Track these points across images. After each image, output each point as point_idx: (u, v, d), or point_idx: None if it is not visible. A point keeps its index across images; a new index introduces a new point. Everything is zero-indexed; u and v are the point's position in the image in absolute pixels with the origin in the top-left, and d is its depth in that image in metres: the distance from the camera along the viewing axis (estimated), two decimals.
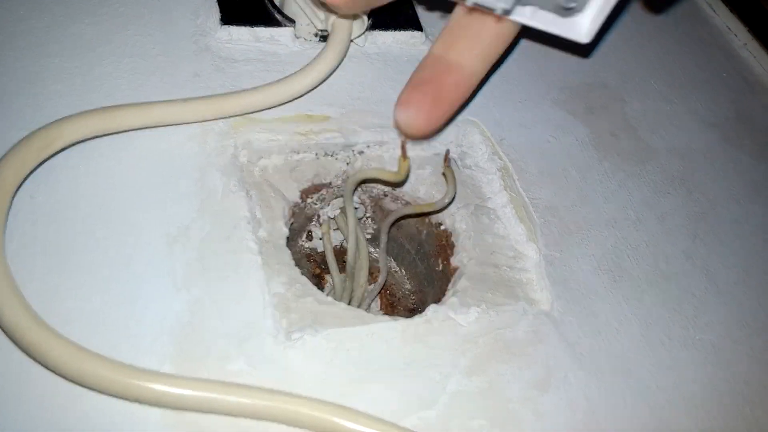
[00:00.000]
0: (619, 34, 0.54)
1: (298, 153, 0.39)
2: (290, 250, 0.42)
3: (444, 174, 0.35)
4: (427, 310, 0.34)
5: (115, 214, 0.33)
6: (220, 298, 0.32)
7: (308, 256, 0.45)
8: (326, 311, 0.33)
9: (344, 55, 0.40)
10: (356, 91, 0.42)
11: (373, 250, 0.46)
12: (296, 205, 0.39)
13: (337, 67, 0.40)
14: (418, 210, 0.38)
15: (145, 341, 0.30)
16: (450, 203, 0.37)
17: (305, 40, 0.43)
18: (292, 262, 0.35)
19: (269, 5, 0.43)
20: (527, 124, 0.45)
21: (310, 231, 0.44)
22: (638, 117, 0.49)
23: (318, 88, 0.40)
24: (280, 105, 0.38)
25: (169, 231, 0.33)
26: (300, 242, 0.45)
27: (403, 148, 0.33)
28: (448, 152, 0.34)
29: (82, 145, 0.34)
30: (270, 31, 0.42)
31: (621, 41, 0.54)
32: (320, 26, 0.40)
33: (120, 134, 0.35)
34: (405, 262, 0.46)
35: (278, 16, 0.43)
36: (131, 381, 0.26)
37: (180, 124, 0.36)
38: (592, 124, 0.47)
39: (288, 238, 0.36)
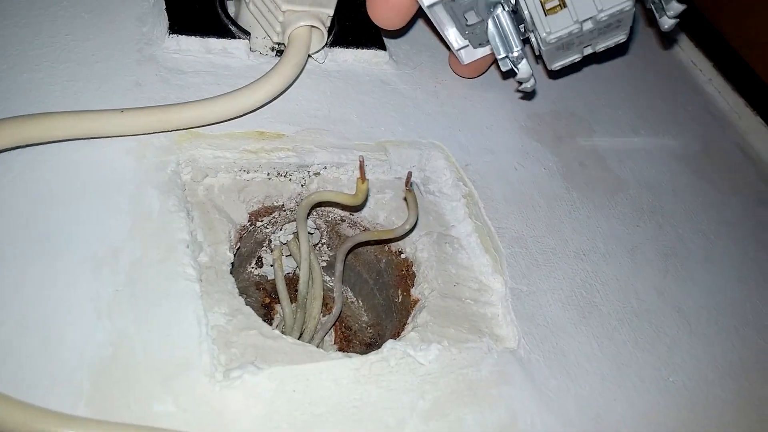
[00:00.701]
0: (587, 64, 0.53)
1: (248, 172, 0.36)
2: (237, 277, 0.39)
3: (405, 199, 0.32)
4: (383, 346, 0.31)
5: (35, 232, 0.29)
6: (149, 330, 0.28)
7: (257, 284, 0.42)
8: (271, 346, 0.30)
9: (301, 70, 0.37)
10: (313, 109, 0.39)
11: (328, 278, 0.43)
12: (244, 228, 0.36)
13: (293, 82, 0.37)
14: (377, 237, 0.35)
15: (59, 376, 0.26)
16: (411, 230, 0.34)
17: (261, 53, 0.40)
18: (236, 291, 0.32)
19: (223, 16, 0.40)
20: (494, 150, 0.43)
21: (260, 257, 0.41)
22: (607, 147, 0.48)
23: (272, 103, 0.38)
24: (229, 120, 0.35)
25: (96, 252, 0.30)
26: (249, 269, 0.41)
27: (362, 169, 0.30)
28: (410, 175, 0.31)
29: (2, 155, 0.30)
30: (223, 42, 0.40)
31: (589, 71, 0.53)
32: (276, 39, 0.38)
33: (47, 144, 0.31)
34: (362, 292, 0.43)
35: (232, 28, 0.40)
36: (32, 425, 0.22)
37: (115, 136, 0.33)
38: (561, 153, 0.45)
39: (233, 264, 0.33)
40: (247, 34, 0.40)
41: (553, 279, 0.37)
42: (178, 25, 0.39)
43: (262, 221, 0.38)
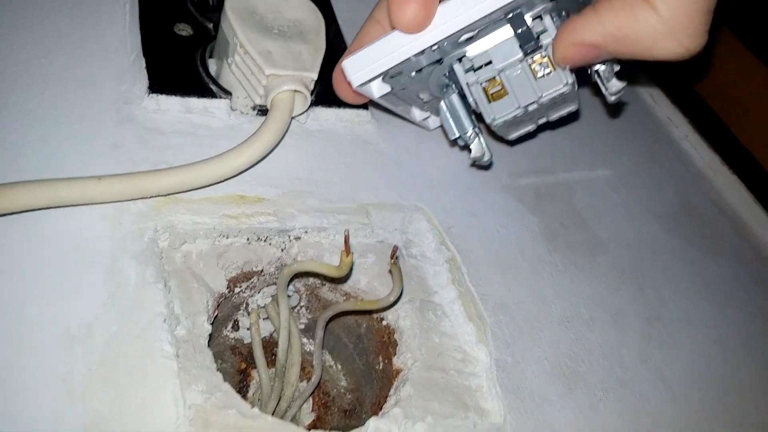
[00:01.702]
0: (563, 120, 0.53)
1: (227, 237, 0.35)
2: (213, 341, 0.38)
3: (390, 271, 0.32)
4: (367, 425, 0.30)
5: (2, 307, 0.28)
6: (124, 412, 0.27)
7: (233, 348, 0.41)
8: (251, 426, 0.29)
9: (284, 135, 0.36)
10: (295, 171, 0.39)
11: (306, 341, 0.42)
12: (222, 296, 0.35)
13: (276, 146, 0.36)
14: (360, 307, 0.34)
15: None
16: (395, 303, 0.33)
17: (242, 112, 0.40)
18: (214, 366, 0.30)
19: (204, 75, 0.40)
20: (476, 211, 0.43)
21: (236, 320, 0.40)
22: (586, 206, 0.48)
23: (253, 167, 0.37)
24: (209, 186, 0.34)
25: (69, 329, 0.28)
26: (225, 332, 0.40)
27: (347, 242, 0.30)
28: (396, 249, 0.30)
29: None
30: (203, 102, 0.39)
31: (568, 129, 0.53)
32: (259, 101, 0.37)
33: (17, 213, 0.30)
34: (341, 356, 0.42)
35: (213, 87, 0.40)
36: None
37: (92, 204, 0.31)
38: (542, 213, 0.45)
39: (210, 334, 0.32)
40: (228, 93, 0.39)
41: (538, 348, 0.37)
42: (158, 84, 0.38)
43: (240, 287, 0.37)
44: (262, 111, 0.40)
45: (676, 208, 0.53)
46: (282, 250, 0.37)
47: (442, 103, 0.38)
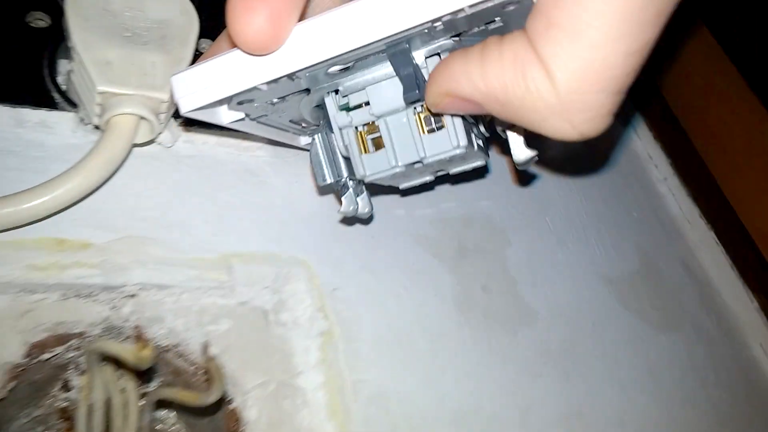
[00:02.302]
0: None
1: (33, 293, 0.28)
2: (36, 403, 0.31)
3: (207, 369, 0.25)
4: None
5: None
6: None
7: (63, 411, 0.34)
8: None
9: (116, 167, 0.29)
10: (143, 209, 0.32)
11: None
12: (18, 366, 0.28)
13: (106, 180, 0.29)
14: (180, 398, 0.27)
15: None
16: (220, 401, 0.26)
17: (97, 128, 0.32)
18: None
19: (49, 82, 0.33)
20: (376, 267, 0.35)
21: (66, 380, 0.33)
22: (521, 265, 0.40)
23: (87, 200, 0.30)
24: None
25: None
26: (53, 392, 0.33)
27: (142, 337, 0.23)
28: (207, 344, 0.24)
29: None
30: (41, 114, 0.32)
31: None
32: (96, 122, 0.30)
33: None
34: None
35: (57, 96, 0.32)
36: None
37: None
38: (461, 272, 0.38)
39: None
40: (74, 106, 0.32)
41: None
42: None
43: (52, 351, 0.30)
44: None
45: (635, 268, 0.45)
46: (112, 309, 0.30)
47: (316, 137, 0.31)
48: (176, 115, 0.33)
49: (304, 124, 0.31)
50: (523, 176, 0.44)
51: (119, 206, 0.31)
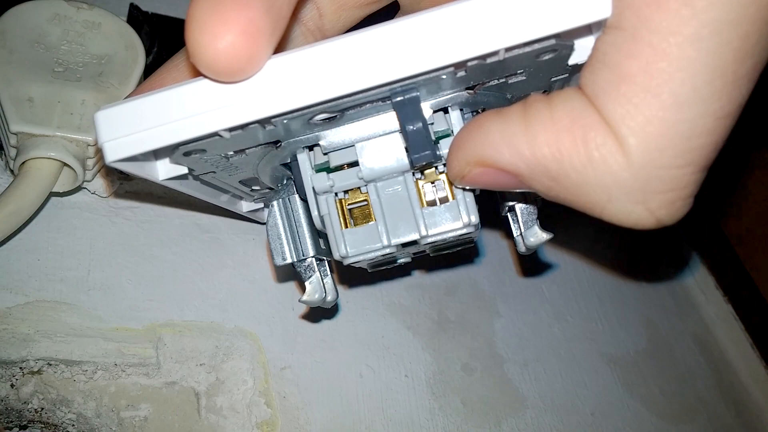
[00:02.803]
0: None
1: None
2: None
3: None
4: None
5: None
6: None
7: None
8: None
9: (22, 221, 0.25)
10: (65, 268, 0.27)
11: None
12: None
13: (7, 237, 0.25)
14: None
15: None
16: None
17: (10, 173, 0.28)
18: None
19: None
20: (337, 344, 0.31)
21: None
22: (510, 340, 0.35)
23: None
24: None
25: None
26: None
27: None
28: None
29: None
30: None
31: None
32: (11, 165, 0.26)
33: None
34: None
35: None
36: None
37: None
38: (440, 348, 0.33)
39: None
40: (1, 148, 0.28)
41: None
42: None
43: None
44: None
45: (642, 345, 0.40)
46: (11, 387, 0.25)
47: (275, 204, 0.25)
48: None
49: (255, 187, 0.26)
50: (532, 265, 0.39)
51: (35, 264, 0.27)
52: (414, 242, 0.22)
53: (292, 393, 0.28)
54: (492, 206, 0.24)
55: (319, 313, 0.31)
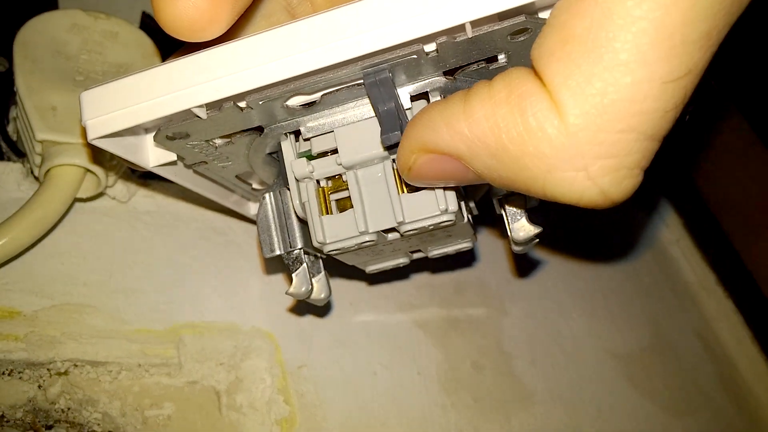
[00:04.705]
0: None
1: None
2: None
3: None
4: None
5: None
6: None
7: None
8: None
9: (48, 226, 0.26)
10: (87, 272, 0.28)
11: None
12: None
13: (34, 242, 0.26)
14: None
15: None
16: None
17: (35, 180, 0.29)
18: None
19: None
20: (350, 341, 0.32)
21: None
22: (518, 338, 0.36)
23: (18, 261, 0.27)
24: None
25: None
26: None
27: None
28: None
29: None
30: None
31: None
32: (36, 172, 0.27)
33: None
34: None
35: (4, 146, 0.29)
36: None
37: None
38: (450, 346, 0.34)
39: None
40: (22, 155, 0.29)
41: None
42: None
43: None
44: None
45: (646, 342, 0.41)
46: (39, 387, 0.26)
47: (267, 196, 0.25)
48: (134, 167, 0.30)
49: (254, 185, 0.27)
50: (524, 264, 0.40)
51: (59, 269, 0.28)
52: (393, 230, 0.22)
53: (309, 391, 0.29)
54: (491, 207, 0.25)
55: (312, 308, 0.31)
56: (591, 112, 0.15)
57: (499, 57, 0.19)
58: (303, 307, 0.31)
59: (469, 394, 0.33)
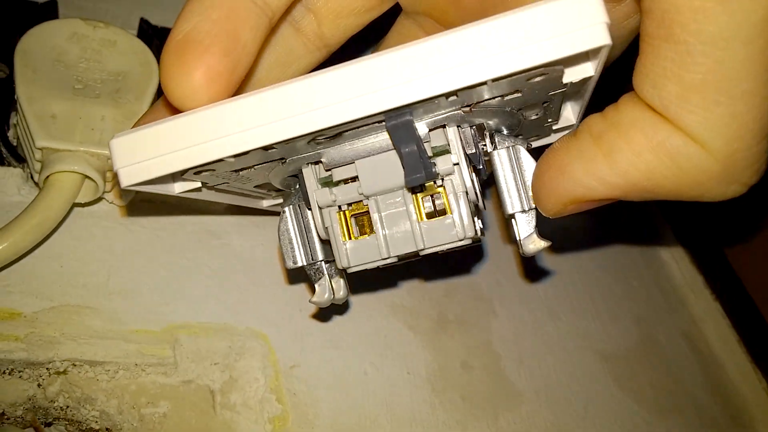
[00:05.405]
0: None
1: None
2: None
3: None
4: None
5: None
6: None
7: None
8: None
9: (48, 230, 0.27)
10: (87, 274, 0.29)
11: None
12: None
13: (34, 246, 0.27)
14: None
15: None
16: None
17: (35, 185, 0.30)
18: None
19: None
20: (342, 342, 0.32)
21: None
22: (507, 339, 0.37)
23: (20, 264, 0.28)
24: None
25: None
26: None
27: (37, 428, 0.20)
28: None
29: None
30: None
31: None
32: (35, 178, 0.28)
33: None
34: None
35: (4, 151, 0.30)
36: None
37: None
38: (440, 347, 0.35)
39: None
40: (22, 161, 0.30)
41: None
42: None
43: None
44: None
45: (633, 342, 0.42)
46: (38, 386, 0.27)
47: (287, 210, 0.26)
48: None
49: (271, 190, 0.28)
50: (513, 267, 0.40)
51: (58, 271, 0.28)
52: (414, 255, 0.23)
53: (302, 390, 0.30)
54: (491, 209, 0.26)
55: (332, 310, 0.32)
56: (732, 140, 0.18)
57: (513, 92, 0.20)
58: (296, 309, 0.32)
59: (457, 393, 0.33)
